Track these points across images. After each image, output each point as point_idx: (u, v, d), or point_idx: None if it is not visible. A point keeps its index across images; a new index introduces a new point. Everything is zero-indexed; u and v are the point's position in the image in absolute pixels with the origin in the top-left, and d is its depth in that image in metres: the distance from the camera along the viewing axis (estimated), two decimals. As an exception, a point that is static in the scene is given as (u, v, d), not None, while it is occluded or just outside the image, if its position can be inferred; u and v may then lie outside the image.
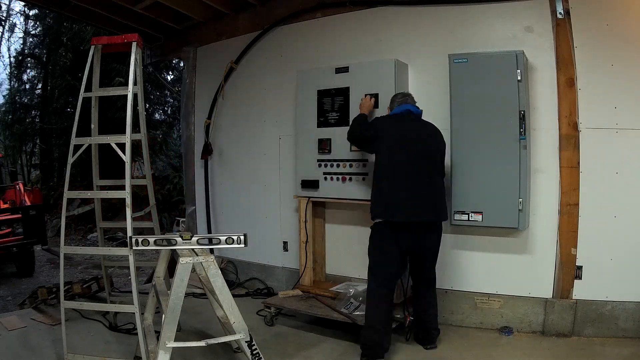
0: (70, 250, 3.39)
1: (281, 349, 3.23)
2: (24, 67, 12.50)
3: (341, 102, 3.76)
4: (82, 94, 3.04)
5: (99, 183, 3.46)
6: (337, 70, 3.78)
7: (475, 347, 3.20)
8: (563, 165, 3.29)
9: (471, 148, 3.29)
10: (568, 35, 3.25)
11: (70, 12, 5.04)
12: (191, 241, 2.50)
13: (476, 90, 3.26)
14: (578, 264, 3.27)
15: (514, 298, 3.44)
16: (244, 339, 2.46)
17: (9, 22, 12.40)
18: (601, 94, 3.21)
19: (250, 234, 4.69)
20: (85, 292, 4.11)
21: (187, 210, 5.38)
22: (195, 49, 5.23)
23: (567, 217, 3.28)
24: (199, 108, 5.21)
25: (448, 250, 3.56)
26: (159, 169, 11.39)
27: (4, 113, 12.47)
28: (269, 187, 4.62)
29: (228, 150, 4.97)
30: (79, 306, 3.29)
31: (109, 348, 3.21)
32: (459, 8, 3.59)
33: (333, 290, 3.74)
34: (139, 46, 3.10)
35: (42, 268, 7.37)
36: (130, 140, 2.87)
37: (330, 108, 3.82)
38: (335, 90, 3.78)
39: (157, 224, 3.49)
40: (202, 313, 3.78)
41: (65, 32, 11.24)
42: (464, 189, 3.31)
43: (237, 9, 4.79)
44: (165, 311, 2.34)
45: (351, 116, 3.68)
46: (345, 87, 3.73)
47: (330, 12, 4.19)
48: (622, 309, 3.19)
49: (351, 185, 3.70)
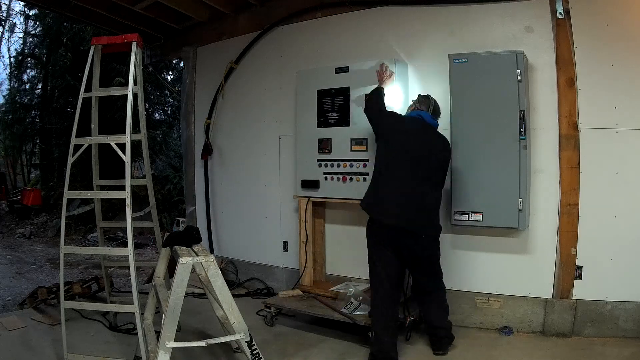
0: (70, 250, 3.39)
1: (281, 349, 3.23)
2: (24, 67, 12.47)
3: (341, 102, 3.76)
4: (82, 94, 3.04)
5: (99, 183, 3.46)
6: (337, 70, 3.78)
7: (475, 347, 3.20)
8: (563, 165, 3.29)
9: (471, 148, 3.29)
10: (568, 35, 3.25)
11: (70, 12, 5.03)
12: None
13: (476, 90, 3.26)
14: (578, 264, 3.27)
15: (514, 298, 3.44)
16: (244, 339, 2.46)
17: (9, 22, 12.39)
18: (601, 94, 3.21)
19: (251, 234, 4.77)
20: (85, 292, 4.11)
21: (187, 210, 5.38)
22: (195, 49, 5.24)
23: (567, 217, 3.28)
24: (199, 108, 5.21)
25: (448, 250, 3.56)
26: (159, 169, 11.39)
27: (4, 113, 12.42)
28: (269, 187, 4.62)
29: (228, 150, 4.96)
30: (79, 306, 3.29)
31: (109, 348, 3.21)
32: (459, 8, 3.59)
33: (333, 290, 3.74)
34: (139, 46, 3.11)
35: (42, 268, 7.37)
36: (130, 140, 2.87)
37: (330, 108, 3.82)
38: (335, 90, 3.78)
39: (157, 224, 3.49)
40: (202, 313, 3.78)
41: (65, 32, 11.21)
42: (464, 189, 3.31)
43: (237, 9, 4.80)
44: (165, 311, 2.34)
45: (351, 116, 3.69)
46: (345, 87, 3.73)
47: (330, 12, 4.19)
48: (622, 309, 3.19)
49: (352, 185, 3.70)
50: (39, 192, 10.75)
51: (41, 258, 7.92)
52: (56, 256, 7.56)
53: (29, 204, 10.55)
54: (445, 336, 3.12)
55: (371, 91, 3.29)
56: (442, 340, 3.11)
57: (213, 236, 5.06)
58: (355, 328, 3.25)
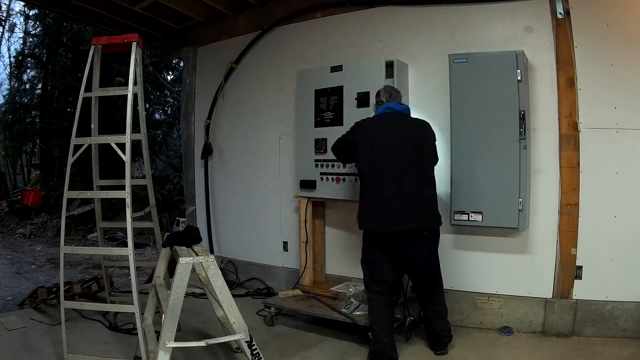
0: (70, 250, 3.39)
1: (281, 349, 3.23)
2: (24, 67, 12.48)
3: (335, 101, 3.74)
4: (82, 94, 3.04)
5: (99, 183, 3.46)
6: (332, 69, 3.77)
7: (475, 347, 3.20)
8: (563, 165, 3.29)
9: (471, 148, 3.29)
10: (568, 35, 3.25)
11: (70, 12, 5.03)
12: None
13: (476, 90, 3.26)
14: (578, 264, 3.27)
15: (514, 298, 3.44)
16: (244, 339, 2.46)
17: (9, 22, 12.39)
18: (601, 94, 3.21)
19: (251, 234, 4.76)
20: (85, 292, 4.11)
21: (187, 210, 5.38)
22: (195, 49, 5.24)
23: (567, 217, 3.28)
24: (199, 108, 5.21)
25: (448, 250, 3.56)
26: (159, 169, 11.39)
27: (4, 113, 12.43)
28: (269, 187, 4.62)
29: (228, 150, 4.96)
30: (79, 306, 3.29)
31: (109, 348, 3.21)
32: (459, 8, 3.59)
33: (333, 290, 3.74)
34: (139, 46, 3.10)
35: (42, 268, 7.37)
36: (130, 140, 2.87)
37: (326, 107, 3.82)
38: (331, 90, 3.77)
39: (157, 224, 3.49)
40: (202, 313, 3.78)
41: (65, 32, 11.22)
42: (464, 189, 3.31)
43: (237, 9, 4.79)
44: (165, 311, 2.34)
45: (345, 115, 3.66)
46: (339, 86, 3.72)
47: (330, 12, 4.19)
48: (622, 309, 3.19)
49: (344, 186, 3.70)
50: (39, 192, 10.75)
51: (41, 258, 7.93)
52: (56, 256, 7.57)
53: (29, 204, 10.56)
54: (447, 336, 3.13)
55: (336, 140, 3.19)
56: (443, 340, 3.12)
57: (213, 236, 5.06)
58: (355, 328, 3.25)
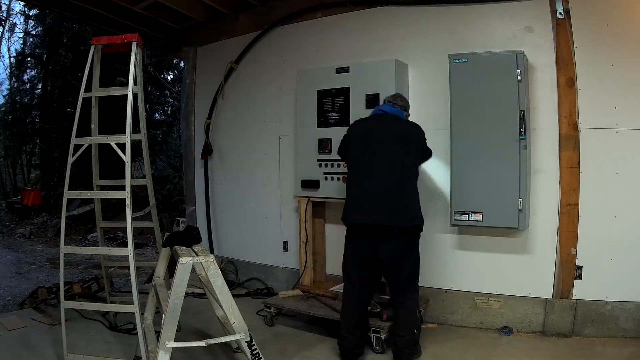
0: (70, 250, 3.39)
1: (281, 349, 3.23)
2: (24, 67, 12.47)
3: (342, 102, 3.76)
4: (82, 94, 3.04)
5: (99, 183, 3.46)
6: (337, 71, 3.79)
7: (475, 347, 3.20)
8: (563, 165, 3.30)
9: (471, 148, 3.29)
10: (568, 35, 3.25)
11: (70, 12, 5.04)
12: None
13: (476, 90, 3.26)
14: (578, 264, 3.27)
15: (514, 298, 3.44)
16: (244, 339, 2.46)
17: (9, 22, 12.39)
18: (601, 94, 3.22)
19: (251, 234, 4.76)
20: (85, 292, 4.11)
21: (187, 210, 5.38)
22: (195, 49, 5.24)
23: (567, 217, 3.29)
24: (199, 108, 5.21)
25: (448, 250, 3.57)
26: (159, 169, 11.39)
27: (4, 113, 12.43)
28: (269, 187, 4.62)
29: (228, 150, 4.97)
30: (79, 306, 3.28)
31: (109, 348, 3.21)
32: (459, 8, 3.59)
33: (333, 290, 3.74)
34: (139, 46, 3.10)
35: (42, 268, 7.37)
36: (130, 140, 2.87)
37: (330, 108, 3.82)
38: (336, 91, 3.79)
39: (157, 224, 3.49)
40: (202, 313, 3.78)
41: (65, 32, 11.22)
42: (464, 189, 3.31)
43: (237, 9, 4.79)
44: (165, 311, 2.34)
45: (352, 116, 3.68)
46: (346, 87, 3.74)
47: (330, 12, 4.19)
48: (622, 309, 3.19)
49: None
50: (39, 192, 10.74)
51: (41, 258, 7.92)
52: (56, 256, 7.56)
53: (29, 204, 10.55)
54: (406, 347, 2.84)
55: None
56: (402, 351, 2.84)
57: (213, 236, 5.06)
58: (355, 328, 3.25)
